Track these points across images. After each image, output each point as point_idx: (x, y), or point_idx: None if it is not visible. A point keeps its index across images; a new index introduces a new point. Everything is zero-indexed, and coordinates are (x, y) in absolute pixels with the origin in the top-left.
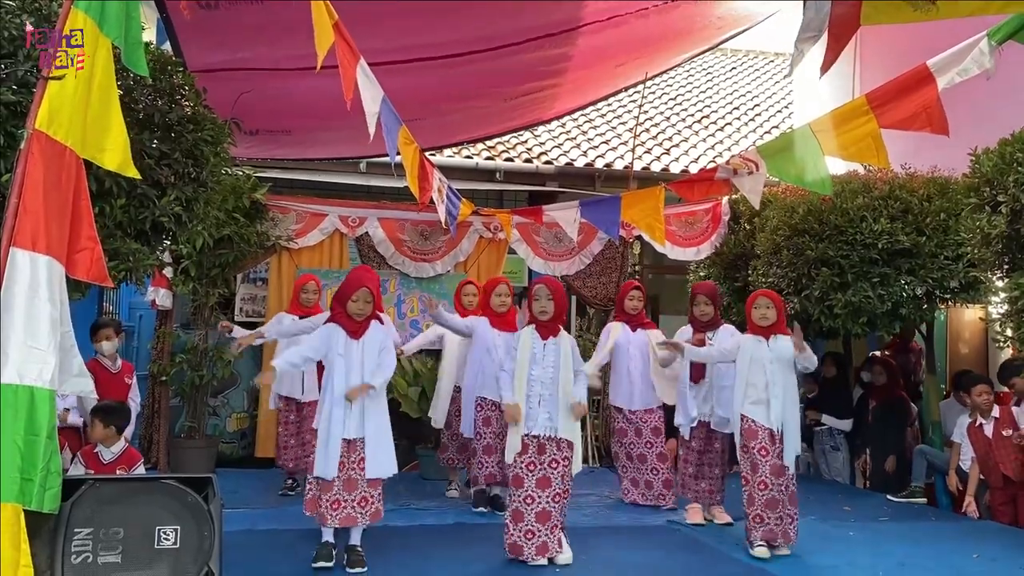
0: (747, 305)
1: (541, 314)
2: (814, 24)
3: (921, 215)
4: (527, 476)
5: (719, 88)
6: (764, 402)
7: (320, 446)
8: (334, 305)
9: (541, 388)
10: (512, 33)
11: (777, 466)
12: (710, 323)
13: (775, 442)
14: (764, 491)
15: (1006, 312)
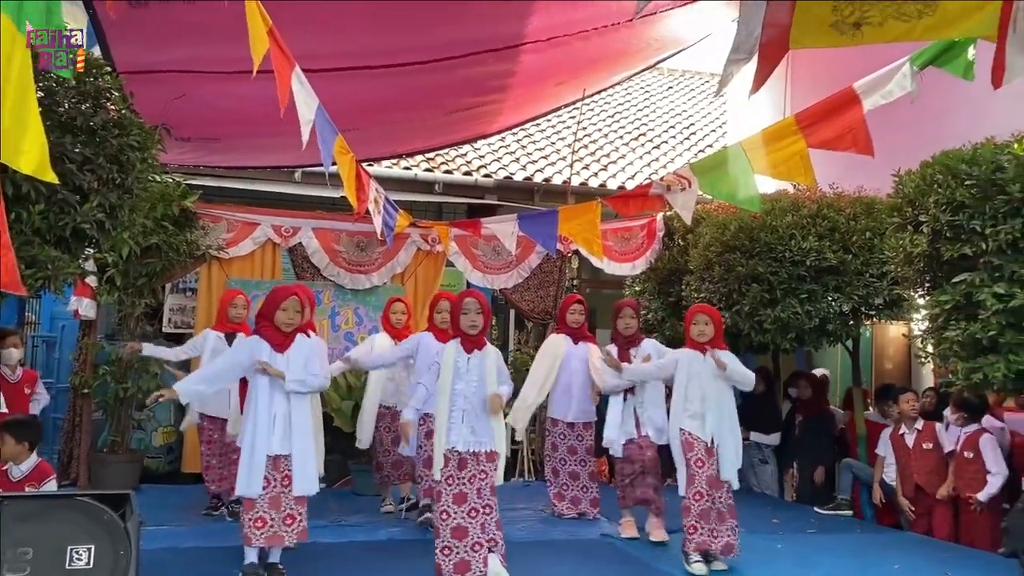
0: (686, 320)
1: (471, 328)
2: (744, 46)
3: (848, 234)
4: (445, 490)
5: (656, 106)
6: (700, 416)
7: (244, 463)
8: (259, 319)
9: (464, 402)
10: (455, 46)
11: (713, 478)
12: (632, 338)
13: (711, 455)
14: (699, 502)
15: (927, 329)
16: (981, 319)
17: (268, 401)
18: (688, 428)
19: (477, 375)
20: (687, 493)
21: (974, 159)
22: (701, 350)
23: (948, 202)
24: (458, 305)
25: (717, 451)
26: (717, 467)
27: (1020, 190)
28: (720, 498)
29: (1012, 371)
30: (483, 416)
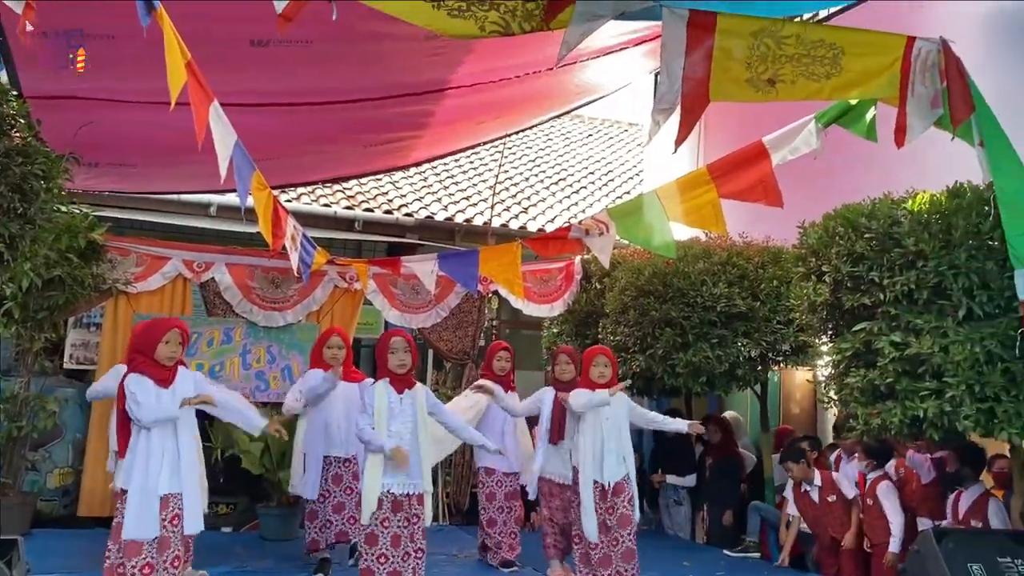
0: (584, 362)
1: (399, 367)
2: (668, 97)
3: (756, 281)
4: (381, 534)
5: (576, 153)
6: (598, 458)
7: (132, 505)
8: (134, 356)
9: (400, 443)
10: (377, 88)
11: (606, 524)
12: (571, 384)
13: (606, 498)
14: (595, 550)
15: (829, 375)
16: (879, 366)
17: (160, 440)
18: (588, 471)
19: (411, 415)
20: (583, 540)
21: (873, 213)
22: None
23: (848, 254)
24: (384, 345)
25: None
26: (612, 510)
27: (915, 244)
28: (628, 536)
29: (908, 417)
30: (417, 457)
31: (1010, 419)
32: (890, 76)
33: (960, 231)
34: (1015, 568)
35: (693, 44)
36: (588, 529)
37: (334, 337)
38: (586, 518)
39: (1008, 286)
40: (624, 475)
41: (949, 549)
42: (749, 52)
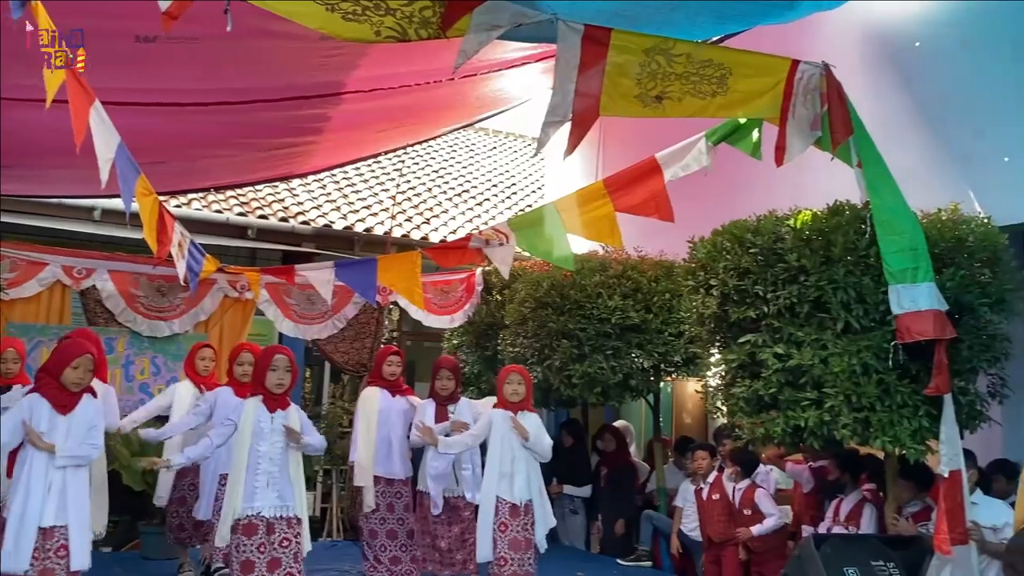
0: (499, 380)
1: (278, 386)
2: (559, 109)
3: (649, 294)
4: (258, 559)
5: (480, 165)
6: (508, 476)
7: (10, 536)
8: (43, 376)
9: (269, 464)
10: (271, 90)
11: (517, 541)
12: (450, 397)
13: (517, 516)
14: (504, 567)
15: (717, 386)
16: (763, 377)
17: (43, 467)
18: (497, 489)
19: (282, 435)
20: (492, 558)
21: (758, 229)
22: (513, 411)
23: (735, 268)
24: (266, 361)
25: (525, 511)
26: (523, 528)
27: (797, 259)
28: (523, 562)
29: (790, 426)
30: (287, 479)
31: (883, 428)
32: (772, 97)
33: (839, 248)
34: (887, 570)
35: (587, 58)
36: (483, 550)
37: (245, 353)
38: (482, 536)
39: (883, 301)
40: (531, 497)
41: (827, 553)
42: (641, 69)
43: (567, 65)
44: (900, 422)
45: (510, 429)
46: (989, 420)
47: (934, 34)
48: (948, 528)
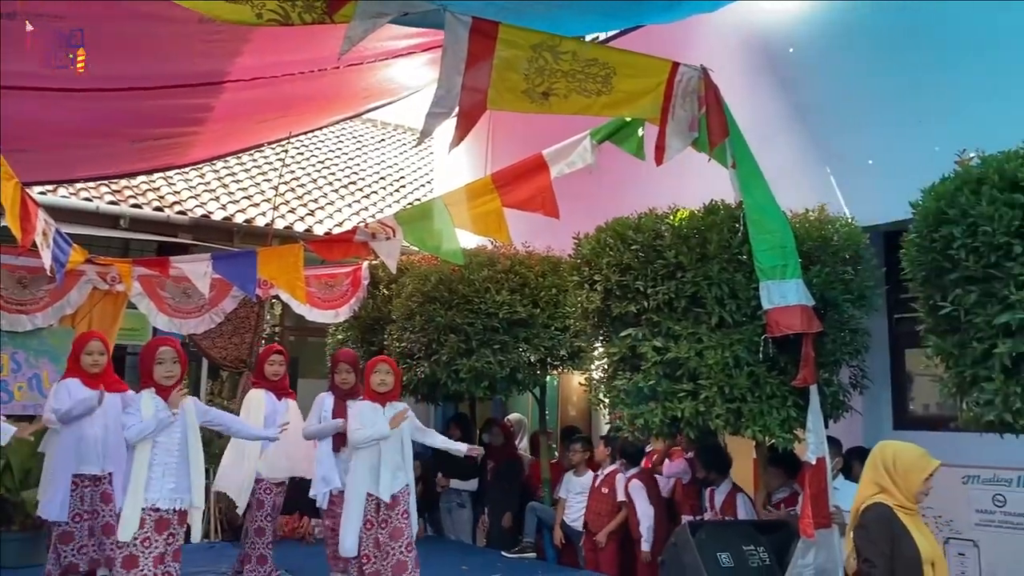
0: (366, 370)
1: (167, 378)
2: (445, 101)
3: (536, 289)
4: (143, 554)
5: (368, 157)
6: (376, 470)
7: None
8: None
9: (167, 456)
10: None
11: (380, 539)
12: (351, 391)
13: (380, 512)
14: (367, 564)
15: (599, 378)
16: (643, 370)
17: None
18: (367, 484)
19: (179, 427)
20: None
21: (639, 227)
22: (381, 401)
23: (617, 264)
24: (151, 354)
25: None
26: (396, 520)
27: (675, 256)
28: (399, 549)
29: (668, 417)
30: (185, 471)
31: (754, 418)
32: (654, 98)
33: (714, 245)
34: (756, 554)
35: (475, 51)
36: (347, 544)
37: (93, 342)
38: (346, 532)
39: (754, 296)
40: (402, 487)
41: (702, 540)
42: (528, 64)
43: (455, 57)
44: (770, 412)
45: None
46: (851, 409)
47: (807, 40)
48: (813, 513)
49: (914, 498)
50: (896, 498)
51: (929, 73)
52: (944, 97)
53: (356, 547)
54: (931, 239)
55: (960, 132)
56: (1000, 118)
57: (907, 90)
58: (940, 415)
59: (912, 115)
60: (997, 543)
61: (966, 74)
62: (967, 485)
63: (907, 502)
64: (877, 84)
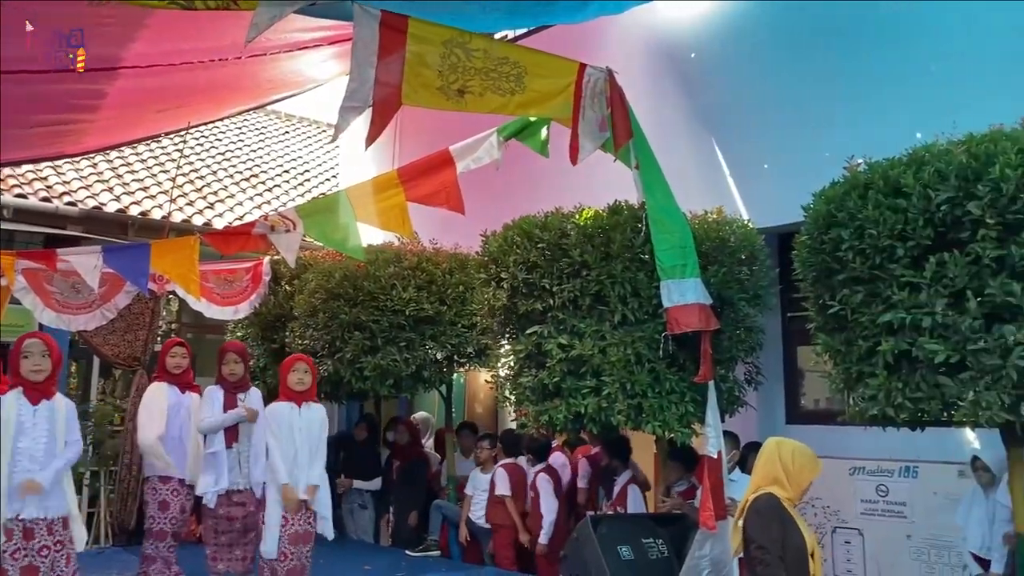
0: (283, 369)
1: (34, 373)
2: (358, 95)
3: (444, 287)
4: (11, 567)
5: (271, 150)
6: (292, 467)
7: None
8: None
9: (30, 463)
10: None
11: (298, 534)
12: (240, 383)
13: (299, 510)
14: (284, 562)
15: (505, 375)
16: (548, 367)
17: None
18: (279, 482)
19: (46, 430)
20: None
21: (545, 225)
22: (297, 401)
23: (524, 262)
24: (17, 348)
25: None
26: (306, 522)
27: (580, 255)
28: (306, 553)
29: (571, 413)
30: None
31: (654, 413)
32: (564, 98)
33: (617, 244)
34: (655, 546)
35: (386, 45)
36: (269, 545)
37: None
38: (269, 533)
39: (655, 295)
40: (316, 485)
41: (602, 534)
42: (441, 60)
43: (365, 50)
44: (669, 407)
45: (294, 422)
46: (746, 404)
47: (709, 45)
48: (712, 505)
49: (800, 495)
50: (787, 492)
51: (823, 81)
52: (836, 105)
53: (276, 548)
54: (821, 241)
55: (850, 139)
56: (887, 126)
57: (802, 97)
58: (829, 410)
59: (806, 121)
60: (880, 531)
61: (857, 83)
62: (853, 476)
63: (795, 498)
64: (774, 90)
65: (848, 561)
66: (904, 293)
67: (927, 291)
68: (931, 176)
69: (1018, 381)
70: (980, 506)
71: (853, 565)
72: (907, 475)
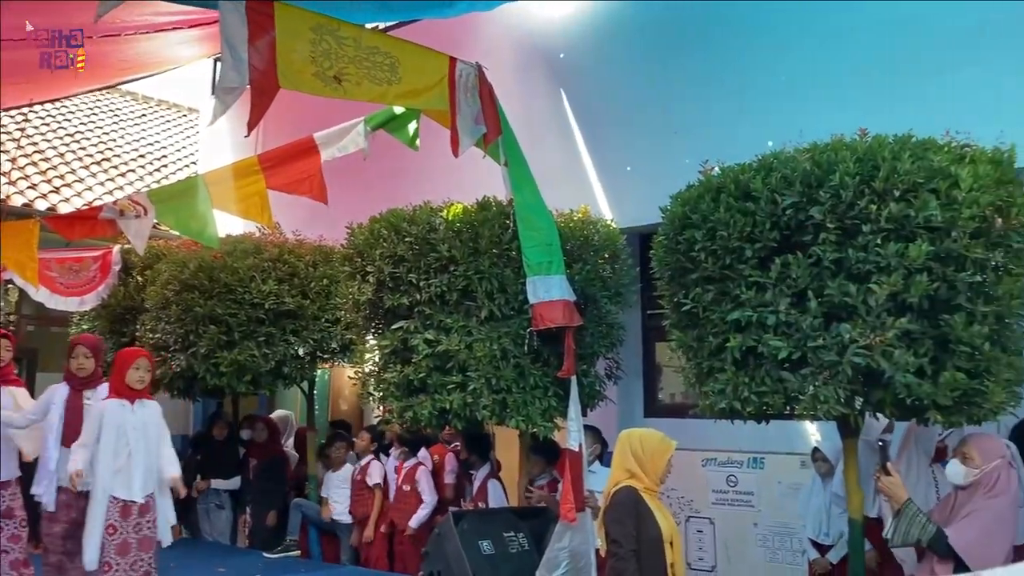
0: (121, 363)
1: None
2: (233, 78)
3: (307, 280)
4: None
5: (126, 132)
6: (125, 472)
7: None
8: None
9: None
10: None
11: (128, 544)
12: (89, 380)
13: (130, 516)
14: (108, 573)
15: (368, 371)
16: (414, 362)
17: None
18: (111, 487)
19: None
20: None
21: (413, 219)
22: (130, 398)
23: (391, 256)
24: None
25: (142, 512)
26: (145, 528)
27: (448, 250)
28: (145, 561)
29: (437, 409)
30: None
31: (518, 408)
32: (440, 91)
33: (485, 240)
34: (516, 540)
35: (254, 29)
36: (89, 555)
37: None
38: (89, 542)
39: (522, 291)
40: (152, 491)
41: (464, 529)
42: (313, 47)
43: (234, 34)
44: (532, 402)
45: (127, 421)
46: (606, 399)
47: (578, 46)
48: (572, 497)
49: (659, 480)
50: (644, 482)
51: (686, 86)
52: (697, 110)
53: (97, 559)
54: (676, 241)
55: (709, 144)
56: (743, 133)
57: (666, 101)
58: (684, 404)
59: (668, 125)
60: (729, 519)
61: (717, 90)
62: (705, 467)
63: (653, 485)
64: (639, 94)
65: (700, 549)
66: (751, 292)
67: (772, 291)
68: (778, 181)
69: (853, 377)
70: (819, 495)
71: (705, 553)
72: (755, 466)
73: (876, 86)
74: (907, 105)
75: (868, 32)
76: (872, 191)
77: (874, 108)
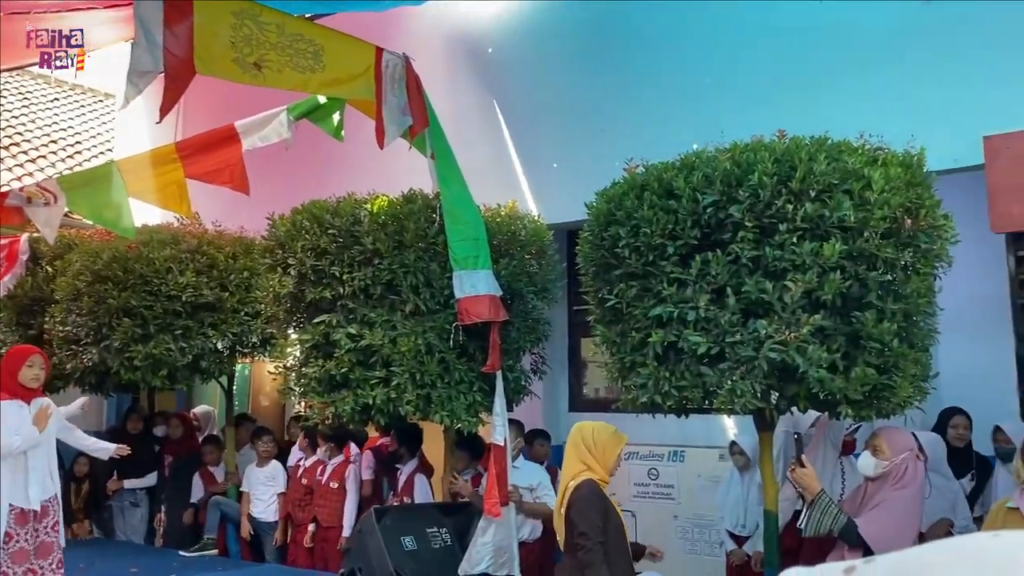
0: (13, 362)
1: None
2: (146, 61)
3: (226, 272)
4: None
5: (37, 117)
6: (22, 476)
7: None
8: None
9: None
10: None
11: (24, 551)
12: None
13: (27, 522)
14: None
15: (289, 365)
16: (336, 357)
17: None
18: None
19: None
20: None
21: (337, 211)
22: (27, 399)
23: (313, 248)
24: None
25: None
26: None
27: (372, 242)
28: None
29: (359, 404)
30: None
31: (443, 403)
32: (366, 80)
33: (411, 234)
34: (439, 535)
35: (171, 13)
36: None
37: None
38: None
39: (448, 285)
40: (51, 496)
41: (386, 525)
42: (233, 31)
43: (150, 16)
44: (457, 397)
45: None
46: (531, 394)
47: (506, 41)
48: (496, 492)
49: (610, 472)
50: (598, 473)
51: (613, 85)
52: (624, 109)
53: None
54: (601, 238)
55: (635, 142)
56: (668, 132)
57: (593, 99)
58: (608, 398)
59: (595, 123)
60: (650, 512)
61: (644, 89)
62: (628, 461)
63: (604, 477)
64: (567, 91)
65: None
66: (673, 289)
67: (693, 287)
68: (699, 180)
69: (769, 372)
70: (736, 487)
71: None
72: (675, 459)
73: (795, 87)
74: (824, 106)
75: (788, 35)
76: (789, 191)
77: (793, 109)
